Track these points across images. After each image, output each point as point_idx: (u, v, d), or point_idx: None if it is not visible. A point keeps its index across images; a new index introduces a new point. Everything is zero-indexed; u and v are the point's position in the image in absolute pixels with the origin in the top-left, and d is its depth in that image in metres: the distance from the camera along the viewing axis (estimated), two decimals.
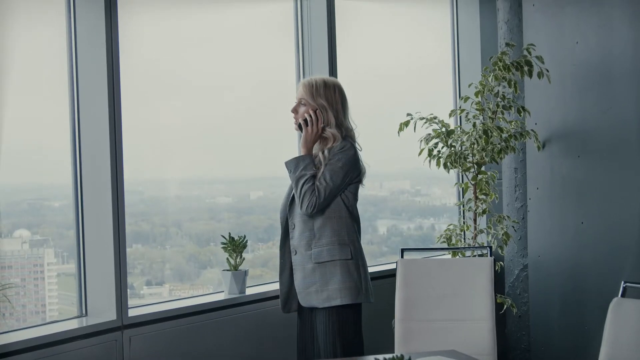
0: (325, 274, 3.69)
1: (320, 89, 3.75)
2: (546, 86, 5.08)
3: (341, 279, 3.68)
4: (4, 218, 4.07)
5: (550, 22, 5.28)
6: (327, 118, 3.74)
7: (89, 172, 4.09)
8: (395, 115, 5.06)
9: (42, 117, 4.09)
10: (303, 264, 3.73)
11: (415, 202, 6.15)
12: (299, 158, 3.71)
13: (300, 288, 3.75)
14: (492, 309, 4.18)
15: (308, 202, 3.62)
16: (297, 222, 3.76)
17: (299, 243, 3.74)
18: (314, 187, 3.62)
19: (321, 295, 3.70)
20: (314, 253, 3.70)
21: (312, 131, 3.72)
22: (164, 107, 4.51)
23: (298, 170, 3.67)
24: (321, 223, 3.70)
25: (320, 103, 3.74)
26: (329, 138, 3.73)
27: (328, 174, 3.65)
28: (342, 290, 3.68)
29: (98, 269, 4.07)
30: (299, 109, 3.79)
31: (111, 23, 3.98)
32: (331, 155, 3.69)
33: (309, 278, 3.72)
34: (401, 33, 5.73)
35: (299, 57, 5.09)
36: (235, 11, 4.84)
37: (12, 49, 3.99)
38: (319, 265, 3.69)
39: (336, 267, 3.69)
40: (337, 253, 3.69)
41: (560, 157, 5.27)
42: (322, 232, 3.69)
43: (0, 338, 3.53)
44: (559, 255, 5.30)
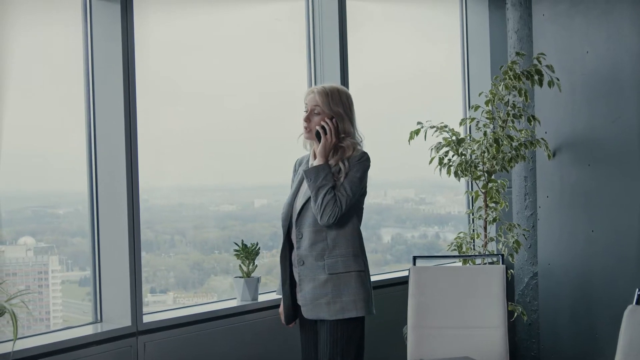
0: (339, 285, 3.57)
1: (335, 96, 3.65)
2: (556, 95, 5.11)
3: (355, 291, 3.58)
4: (9, 225, 4.05)
5: (561, 32, 5.31)
6: (344, 127, 3.64)
7: (104, 179, 4.09)
8: (401, 123, 5.07)
9: (49, 124, 4.08)
10: (314, 275, 3.60)
11: (420, 210, 6.15)
12: (318, 168, 3.58)
13: (308, 300, 3.62)
14: (504, 317, 4.18)
15: (330, 213, 3.50)
16: (306, 232, 3.62)
17: (309, 253, 3.61)
18: (335, 197, 3.51)
19: (333, 307, 3.57)
20: (327, 264, 3.58)
21: (331, 140, 3.61)
22: (169, 114, 4.51)
23: (319, 180, 3.55)
24: (335, 234, 3.58)
25: (337, 111, 3.63)
26: (347, 148, 3.63)
27: (348, 185, 3.55)
28: (356, 302, 3.58)
29: (113, 275, 4.08)
30: (312, 118, 3.66)
31: (127, 30, 3.99)
32: (351, 165, 3.60)
33: (320, 289, 3.59)
34: (411, 42, 5.75)
35: (310, 64, 5.09)
36: (244, 18, 4.84)
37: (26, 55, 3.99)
38: (333, 276, 3.57)
39: (351, 278, 3.58)
40: (352, 264, 3.59)
41: (570, 166, 5.29)
42: (336, 243, 3.58)
43: (17, 344, 3.50)
44: (569, 263, 5.32)
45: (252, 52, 4.86)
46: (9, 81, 3.94)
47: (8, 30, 3.93)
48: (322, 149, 3.61)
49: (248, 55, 4.83)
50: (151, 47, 4.32)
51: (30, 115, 4.01)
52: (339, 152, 3.63)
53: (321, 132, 3.61)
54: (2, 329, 3.56)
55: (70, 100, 4.12)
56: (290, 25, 5.10)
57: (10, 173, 3.97)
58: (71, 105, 4.12)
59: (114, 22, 4.00)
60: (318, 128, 3.62)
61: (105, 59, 4.04)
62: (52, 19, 4.07)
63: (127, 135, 3.99)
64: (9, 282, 3.83)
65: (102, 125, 4.09)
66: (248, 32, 4.86)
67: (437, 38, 5.98)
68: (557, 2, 5.34)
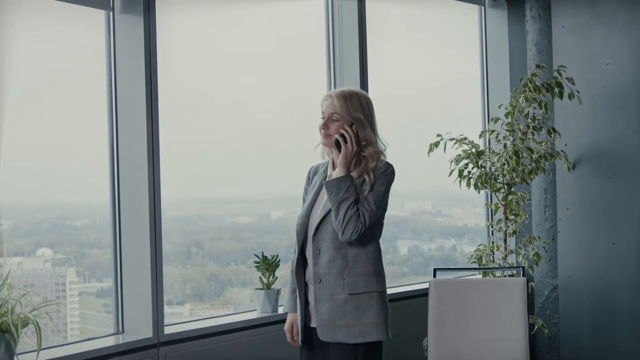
0: (359, 306, 3.27)
1: (355, 100, 3.32)
2: (576, 107, 5.10)
3: (377, 312, 3.28)
4: (27, 236, 4.09)
5: (581, 44, 5.31)
6: (365, 134, 3.31)
7: (126, 190, 4.12)
8: (419, 135, 5.07)
9: (70, 136, 4.12)
10: (332, 295, 3.29)
11: (437, 222, 6.14)
12: (340, 179, 3.27)
13: (325, 321, 3.29)
14: (525, 329, 4.16)
15: (353, 229, 3.20)
16: (324, 248, 3.31)
17: (328, 271, 3.29)
18: (358, 212, 3.21)
19: (353, 330, 3.26)
20: (347, 283, 3.26)
21: (352, 149, 3.29)
22: (185, 126, 4.52)
23: (341, 193, 3.24)
24: (356, 250, 3.28)
25: (357, 117, 3.30)
26: (370, 158, 3.31)
27: (372, 199, 3.25)
28: (378, 324, 3.28)
29: (135, 286, 4.09)
30: (330, 125, 3.33)
31: (150, 43, 4.03)
32: (376, 177, 3.29)
33: (339, 310, 3.27)
34: (430, 53, 5.77)
35: (329, 74, 5.11)
36: (266, 29, 4.86)
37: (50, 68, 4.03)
38: (353, 296, 3.26)
39: (372, 299, 3.28)
40: (374, 284, 3.29)
41: (591, 178, 5.27)
42: (357, 260, 3.28)
43: (42, 354, 3.50)
44: (589, 276, 5.29)
45: (272, 63, 4.88)
46: (32, 92, 3.98)
47: (33, 43, 3.97)
48: (343, 158, 3.29)
49: (268, 67, 4.86)
50: (173, 59, 4.35)
51: (51, 127, 4.05)
52: (362, 162, 3.32)
53: (341, 141, 3.29)
54: (27, 340, 3.54)
55: (92, 111, 4.15)
56: (310, 35, 5.12)
57: (29, 185, 4.01)
58: (93, 116, 4.15)
59: (137, 34, 4.04)
60: (337, 136, 3.31)
61: (128, 71, 4.08)
62: (76, 32, 4.10)
63: (150, 147, 4.02)
64: (36, 293, 3.84)
65: (125, 137, 4.12)
66: (270, 44, 4.89)
67: (456, 50, 6.00)
68: (578, 14, 5.33)
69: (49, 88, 4.04)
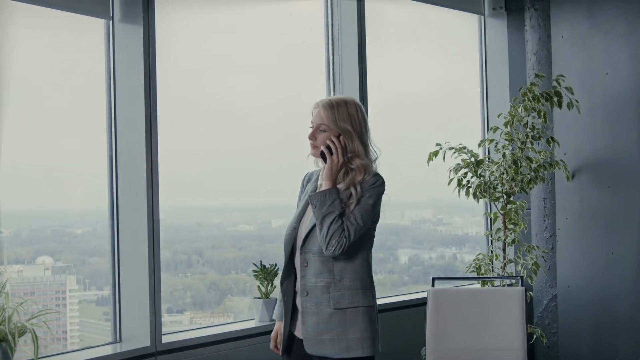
0: (345, 321, 3.18)
1: (342, 110, 3.20)
2: (575, 117, 5.10)
3: (363, 328, 3.19)
4: (28, 244, 4.09)
5: (580, 54, 5.32)
6: (353, 146, 3.20)
7: (125, 199, 4.13)
8: (419, 144, 5.07)
9: (70, 144, 4.13)
10: (318, 308, 3.21)
11: (437, 231, 6.14)
12: (324, 193, 3.14)
13: (311, 334, 3.22)
14: (523, 339, 4.15)
15: (337, 244, 3.10)
16: (311, 260, 3.21)
17: (314, 284, 3.21)
18: (343, 227, 3.11)
19: (338, 344, 3.18)
20: (333, 297, 3.18)
21: (339, 161, 3.18)
22: (186, 135, 4.53)
23: (324, 207, 3.13)
24: (343, 264, 3.19)
25: (344, 128, 3.19)
26: (357, 170, 3.20)
27: (359, 213, 3.14)
28: (364, 340, 3.18)
29: (133, 295, 4.09)
30: (318, 135, 3.22)
31: (149, 52, 4.05)
32: (363, 190, 3.17)
33: (325, 324, 3.19)
34: (430, 63, 5.78)
35: (329, 84, 5.12)
36: (265, 40, 4.88)
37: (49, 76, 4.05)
38: (339, 311, 3.18)
39: (358, 314, 3.19)
40: (360, 299, 3.20)
41: (590, 187, 5.27)
42: (344, 275, 3.20)
43: None
44: (588, 286, 5.29)
45: (272, 71, 4.89)
46: (32, 100, 4.00)
47: (34, 51, 3.99)
48: (329, 171, 3.18)
49: (268, 75, 4.87)
50: (173, 67, 4.36)
51: (51, 135, 4.06)
52: (350, 174, 3.21)
53: (326, 153, 3.18)
54: (24, 349, 3.54)
55: (92, 119, 4.17)
56: (310, 43, 5.13)
57: (29, 192, 4.02)
58: (93, 124, 4.17)
59: (136, 43, 4.06)
60: (323, 148, 3.19)
61: (128, 80, 4.10)
62: (76, 41, 4.13)
63: (148, 155, 4.03)
64: (34, 301, 3.85)
65: (123, 144, 4.13)
66: (269, 52, 4.90)
67: (456, 59, 6.01)
68: (577, 23, 5.34)
69: (50, 96, 4.06)
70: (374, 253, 5.36)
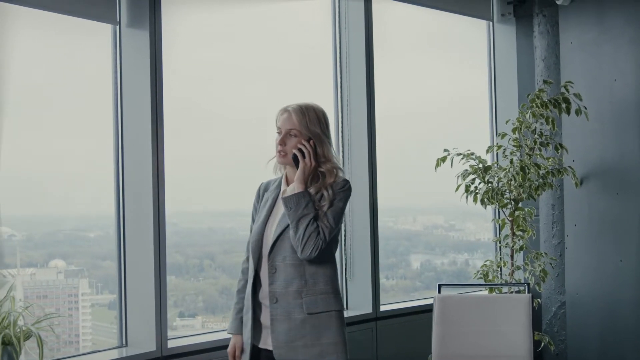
0: (318, 326, 3.16)
1: (312, 115, 3.21)
2: (584, 123, 5.08)
3: (336, 333, 3.17)
4: (41, 248, 4.13)
5: (589, 60, 5.30)
6: (323, 150, 3.22)
7: (131, 204, 4.15)
8: (430, 150, 5.07)
9: (82, 148, 4.16)
10: (289, 315, 3.17)
11: (449, 237, 6.14)
12: (299, 195, 3.15)
13: (282, 342, 3.17)
14: (530, 346, 4.14)
15: (314, 246, 3.10)
16: (281, 266, 3.18)
17: (285, 290, 3.17)
18: (318, 229, 3.12)
19: (312, 350, 3.15)
20: (306, 302, 3.16)
21: (311, 164, 3.19)
22: (198, 140, 4.55)
23: (300, 209, 3.13)
24: (314, 268, 3.17)
25: (315, 132, 3.20)
26: (328, 173, 3.21)
27: (331, 215, 3.16)
28: (337, 344, 3.16)
29: (139, 299, 4.12)
30: (288, 141, 3.22)
31: (155, 57, 4.07)
32: (334, 193, 3.20)
33: (297, 330, 3.16)
34: (438, 69, 5.77)
35: (336, 91, 5.14)
36: (272, 45, 4.90)
37: (56, 81, 4.09)
38: (312, 316, 3.15)
39: (332, 318, 3.17)
40: (333, 303, 3.18)
41: (598, 194, 5.25)
42: (315, 279, 3.18)
43: None
44: (597, 293, 5.26)
45: (280, 78, 4.90)
46: (41, 106, 4.04)
47: (41, 57, 4.04)
48: (301, 174, 3.17)
49: (276, 82, 4.88)
50: (179, 73, 4.39)
51: (58, 140, 4.10)
52: (320, 178, 3.22)
53: (299, 156, 3.18)
54: (30, 352, 3.56)
55: (99, 124, 4.21)
56: (317, 50, 5.15)
57: (43, 196, 4.06)
58: (100, 129, 4.20)
59: (143, 48, 4.08)
60: (295, 151, 3.19)
61: (134, 85, 4.13)
62: (83, 46, 4.16)
63: (154, 159, 4.05)
64: (40, 305, 3.88)
65: (130, 149, 4.16)
66: (277, 58, 4.92)
67: (465, 65, 6.00)
68: (585, 30, 5.32)
69: (57, 101, 4.09)
70: (386, 258, 5.45)
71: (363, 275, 5.04)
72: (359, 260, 5.06)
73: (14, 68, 3.91)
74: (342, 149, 5.11)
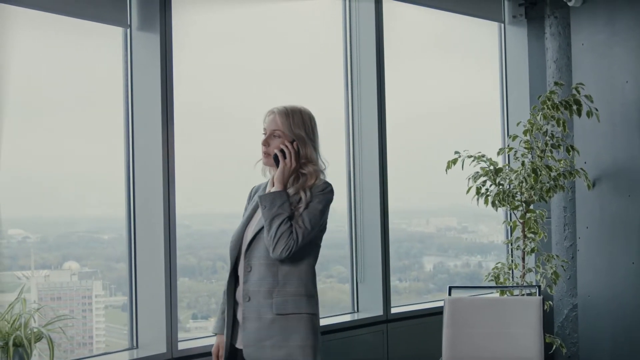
0: (286, 328, 3.13)
1: (297, 117, 3.23)
2: (595, 125, 5.07)
3: (305, 336, 3.13)
4: (55, 250, 4.15)
5: (600, 62, 5.28)
6: (306, 152, 3.23)
7: (141, 206, 4.16)
8: (443, 152, 5.06)
9: (96, 152, 4.18)
10: (259, 314, 3.15)
11: (462, 239, 6.12)
12: (275, 194, 3.15)
13: (252, 341, 3.16)
14: (540, 349, 4.14)
15: (285, 246, 3.08)
16: (256, 265, 3.18)
17: (257, 289, 3.16)
18: (291, 229, 3.10)
19: (279, 352, 3.13)
20: (276, 303, 3.13)
21: (291, 165, 3.19)
22: (210, 141, 4.56)
23: (274, 208, 3.12)
24: (288, 269, 3.15)
25: (298, 134, 3.21)
26: (309, 175, 3.21)
27: (307, 217, 3.13)
28: (304, 348, 3.12)
29: (149, 302, 4.12)
30: (271, 141, 3.23)
31: (166, 59, 4.09)
32: (312, 195, 3.18)
33: (266, 330, 3.14)
34: (450, 71, 5.76)
35: (347, 93, 5.14)
36: (282, 46, 4.91)
37: (68, 85, 4.11)
38: (281, 317, 3.13)
39: (301, 321, 3.13)
40: (304, 305, 3.14)
41: (610, 196, 5.23)
42: (288, 280, 3.15)
43: None
44: (609, 296, 5.24)
45: (291, 80, 4.91)
46: (52, 109, 4.06)
47: (52, 60, 4.06)
48: (281, 174, 3.18)
49: (286, 83, 4.89)
50: (190, 75, 4.40)
51: (74, 142, 4.12)
52: (300, 179, 3.22)
53: (280, 156, 3.20)
54: (42, 354, 3.58)
55: (110, 127, 4.22)
56: (328, 53, 5.16)
57: (56, 199, 4.08)
58: (111, 132, 4.22)
59: (154, 51, 4.10)
60: (276, 151, 3.20)
61: (145, 88, 4.14)
62: (93, 49, 4.18)
63: (165, 162, 4.06)
64: (52, 307, 3.91)
65: (141, 152, 4.17)
66: (287, 60, 4.93)
67: (476, 67, 5.99)
68: (597, 31, 5.31)
69: (69, 104, 4.11)
70: (399, 259, 5.46)
71: (374, 278, 5.04)
72: (369, 263, 5.06)
73: (25, 71, 3.94)
74: (353, 151, 5.12)
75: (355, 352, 4.84)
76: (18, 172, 3.85)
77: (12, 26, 3.85)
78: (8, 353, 3.32)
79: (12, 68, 3.88)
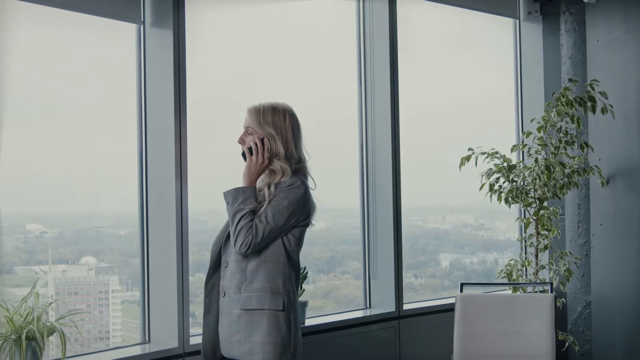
0: (250, 323, 3.18)
1: (268, 115, 3.28)
2: (610, 122, 5.04)
3: (267, 332, 3.16)
4: (72, 245, 4.19)
5: (615, 58, 5.24)
6: (275, 148, 3.26)
7: (154, 201, 4.19)
8: (459, 149, 5.06)
9: (110, 148, 4.22)
10: (230, 309, 3.23)
11: (479, 236, 6.11)
12: (238, 189, 3.22)
13: (224, 335, 3.25)
14: (552, 346, 4.13)
15: (243, 240, 3.12)
16: (230, 261, 3.25)
17: (229, 284, 3.23)
18: (251, 224, 3.13)
19: (243, 346, 3.19)
20: (242, 298, 3.19)
21: (257, 161, 3.24)
22: (226, 138, 4.57)
23: (236, 203, 3.17)
24: (255, 265, 3.19)
25: (268, 131, 3.26)
26: (277, 171, 3.24)
27: (270, 212, 3.15)
28: (265, 344, 3.15)
29: (161, 297, 4.16)
30: (246, 139, 3.32)
31: (179, 56, 4.11)
32: (277, 191, 3.20)
33: (234, 326, 3.21)
34: (463, 67, 5.75)
35: (361, 91, 5.15)
36: (296, 45, 4.93)
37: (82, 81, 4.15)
38: (246, 312, 3.18)
39: (264, 317, 3.17)
40: (267, 302, 3.17)
41: (625, 193, 5.19)
42: (255, 276, 3.19)
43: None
44: (623, 293, 5.20)
45: (304, 79, 4.94)
46: (66, 107, 4.11)
47: (66, 57, 4.09)
48: (247, 170, 3.27)
49: (300, 82, 4.91)
50: (203, 72, 4.42)
51: (88, 139, 4.15)
52: (269, 176, 3.29)
53: (247, 153, 3.28)
54: (56, 348, 3.63)
55: (123, 123, 4.26)
56: (342, 52, 5.17)
57: (72, 194, 4.13)
58: (124, 128, 4.26)
59: (167, 48, 4.12)
60: (245, 149, 3.29)
61: (158, 84, 4.17)
62: (107, 45, 4.21)
63: (177, 158, 4.09)
64: (67, 301, 3.96)
65: (154, 148, 4.20)
66: (300, 59, 4.94)
67: (490, 63, 5.98)
68: (612, 28, 5.27)
69: (83, 101, 4.15)
70: (414, 256, 5.46)
71: (386, 274, 5.05)
72: (382, 259, 5.07)
73: (38, 68, 3.98)
74: (366, 148, 5.13)
75: (367, 348, 4.86)
76: (35, 170, 3.91)
77: (25, 22, 3.88)
78: (21, 346, 3.37)
79: (26, 66, 3.92)
